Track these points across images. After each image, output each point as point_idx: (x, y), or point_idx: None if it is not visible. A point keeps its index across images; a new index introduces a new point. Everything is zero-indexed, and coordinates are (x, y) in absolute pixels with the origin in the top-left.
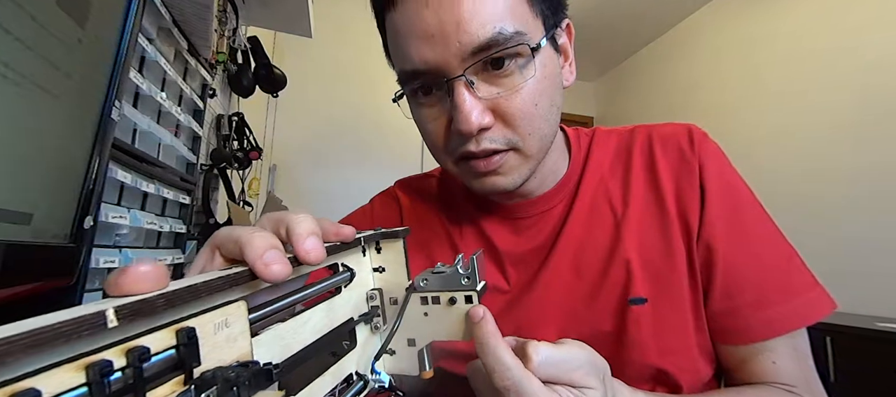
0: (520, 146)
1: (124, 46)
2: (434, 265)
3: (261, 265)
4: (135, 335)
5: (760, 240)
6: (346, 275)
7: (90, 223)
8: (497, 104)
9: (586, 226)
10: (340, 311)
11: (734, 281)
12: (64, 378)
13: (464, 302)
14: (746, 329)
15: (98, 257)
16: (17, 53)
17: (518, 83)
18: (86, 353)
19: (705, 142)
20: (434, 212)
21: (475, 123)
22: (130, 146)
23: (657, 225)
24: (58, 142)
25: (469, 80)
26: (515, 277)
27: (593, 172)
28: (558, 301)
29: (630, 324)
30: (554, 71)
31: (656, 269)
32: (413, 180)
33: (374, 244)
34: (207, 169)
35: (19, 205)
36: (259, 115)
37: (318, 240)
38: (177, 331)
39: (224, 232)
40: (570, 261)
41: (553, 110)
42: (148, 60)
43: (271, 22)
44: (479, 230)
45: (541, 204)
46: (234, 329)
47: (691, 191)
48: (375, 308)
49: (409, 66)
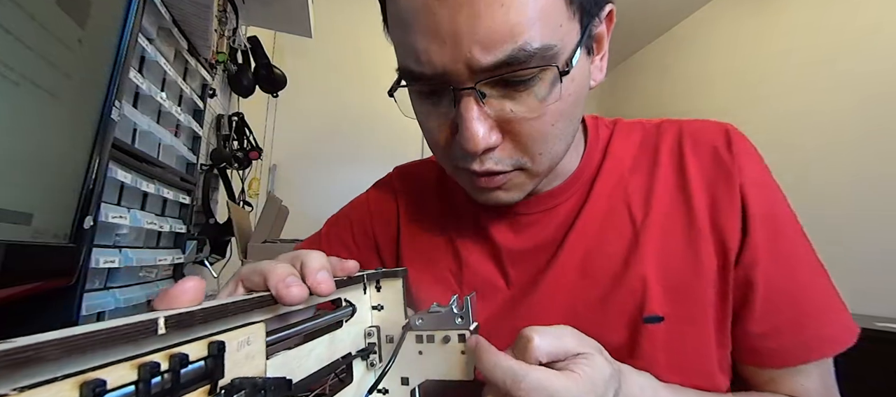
0: (527, 166)
1: (124, 46)
2: (431, 263)
3: (282, 287)
4: (177, 343)
5: (800, 261)
6: (349, 309)
7: (90, 223)
8: (509, 122)
9: (599, 230)
10: (340, 345)
11: (774, 304)
12: (122, 373)
13: (457, 340)
14: (782, 352)
15: (98, 257)
16: (17, 53)
17: (537, 105)
18: (138, 355)
19: (744, 146)
20: (433, 207)
21: (481, 145)
22: (130, 146)
23: (683, 236)
24: (58, 142)
25: (480, 92)
26: (516, 276)
27: (611, 170)
28: (562, 305)
29: (643, 342)
30: (582, 82)
31: (677, 285)
32: (412, 168)
33: (374, 282)
34: (207, 169)
35: (19, 205)
36: (259, 115)
37: (328, 274)
38: (209, 344)
39: (249, 266)
40: (578, 265)
41: (571, 127)
42: (148, 60)
43: (271, 22)
44: (480, 226)
45: (546, 201)
46: (253, 347)
47: (730, 205)
48: (372, 344)
49: (414, 65)
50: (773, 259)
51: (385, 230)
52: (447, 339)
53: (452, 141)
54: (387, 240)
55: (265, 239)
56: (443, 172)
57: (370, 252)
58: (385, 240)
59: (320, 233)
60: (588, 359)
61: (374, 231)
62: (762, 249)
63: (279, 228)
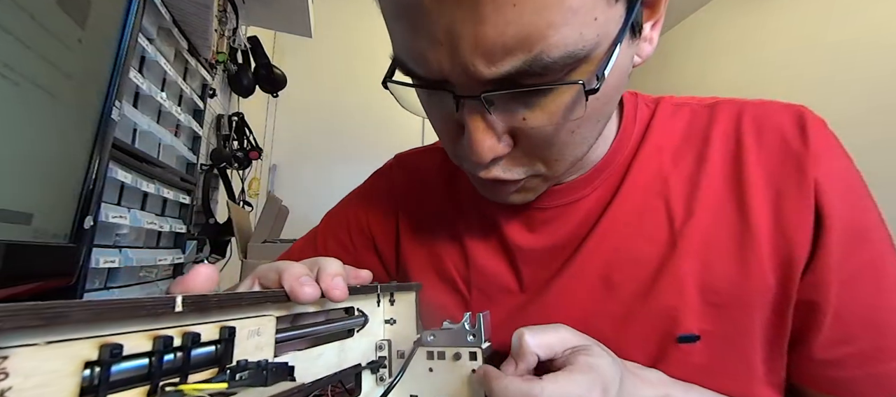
0: (542, 172)
1: (124, 46)
2: (435, 261)
3: (296, 285)
4: (192, 323)
5: (886, 276)
6: (361, 319)
7: (90, 223)
8: (520, 130)
9: (630, 230)
10: (350, 354)
11: (847, 330)
12: (138, 342)
13: (468, 359)
14: (851, 382)
15: (98, 257)
16: (17, 53)
17: (557, 117)
18: (156, 329)
19: (823, 134)
20: (437, 199)
21: (487, 157)
22: (130, 146)
23: (733, 242)
24: (58, 142)
25: (487, 101)
26: (529, 278)
27: (649, 158)
28: (578, 316)
29: (672, 364)
30: (620, 75)
31: (721, 301)
32: (413, 156)
33: (388, 295)
34: (207, 169)
35: (19, 205)
36: (259, 115)
37: (343, 281)
38: (221, 328)
39: (266, 265)
40: (600, 268)
41: (599, 127)
42: (148, 60)
43: (271, 22)
44: (489, 221)
45: (566, 193)
46: (263, 338)
47: (799, 205)
48: (383, 358)
49: (414, 66)
50: (851, 275)
51: (383, 227)
52: (458, 357)
53: (458, 139)
54: (385, 238)
55: (265, 239)
56: (447, 159)
57: (368, 252)
58: (383, 239)
59: (316, 232)
60: (588, 352)
61: (371, 230)
62: (838, 262)
63: (279, 228)
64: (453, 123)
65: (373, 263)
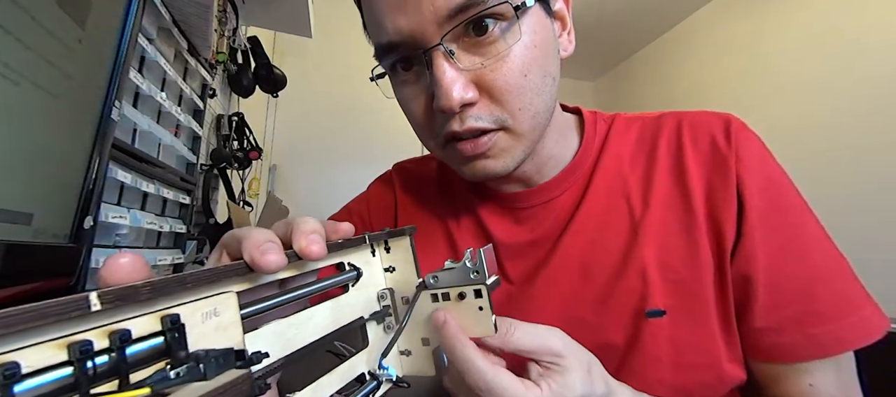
0: (509, 125)
1: (124, 46)
2: (429, 254)
3: (257, 254)
4: (119, 320)
5: (808, 248)
6: (353, 274)
7: (90, 223)
8: (481, 76)
9: (599, 224)
10: (348, 310)
11: (779, 295)
12: (46, 354)
13: (473, 296)
14: (790, 347)
15: (98, 257)
16: (17, 53)
17: (502, 50)
18: (71, 335)
19: (744, 134)
20: (431, 200)
21: (456, 99)
22: (130, 146)
23: (682, 228)
24: (58, 142)
25: (448, 50)
26: (514, 272)
27: (610, 163)
28: (561, 303)
29: (645, 338)
30: (546, 37)
31: (678, 278)
32: (412, 164)
33: (383, 243)
34: (207, 169)
35: (19, 205)
36: (259, 115)
37: (319, 237)
38: (162, 318)
39: (231, 232)
40: (578, 260)
41: (547, 82)
42: (148, 60)
43: (271, 22)
44: (477, 219)
45: (542, 193)
46: (223, 318)
47: (725, 193)
48: (387, 307)
49: (384, 37)
50: (775, 252)
51: (383, 221)
52: (462, 296)
53: (433, 113)
54: None
55: None
56: (441, 167)
57: None
58: None
59: None
60: (562, 373)
61: (371, 222)
62: (761, 243)
63: None
64: (427, 98)
65: None
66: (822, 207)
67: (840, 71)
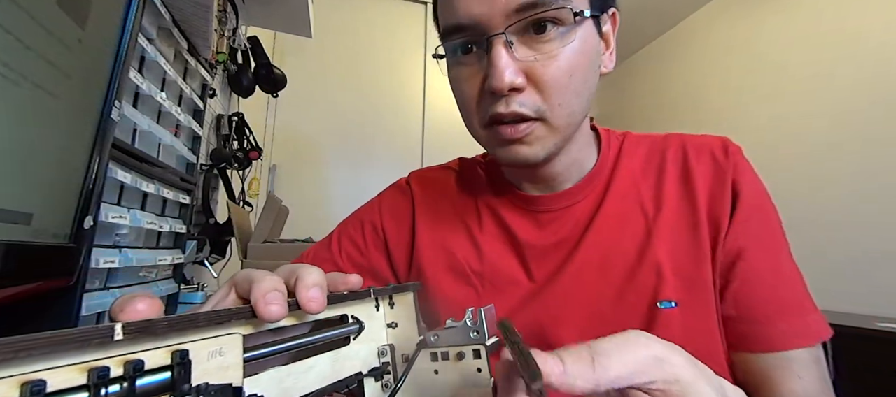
0: (547, 116)
1: (124, 46)
2: (448, 254)
3: (262, 303)
4: (136, 351)
5: (780, 254)
6: (355, 327)
7: (90, 223)
8: (532, 69)
9: (616, 228)
10: (348, 363)
11: (753, 287)
12: (68, 375)
13: (472, 357)
14: (764, 336)
15: (98, 257)
16: (17, 53)
17: (556, 50)
18: (92, 361)
19: (740, 155)
20: (451, 204)
21: (507, 81)
22: (130, 146)
23: (689, 229)
24: (58, 142)
25: (508, 40)
26: (538, 272)
27: (624, 174)
28: (582, 300)
29: (659, 327)
30: (593, 49)
31: (687, 274)
32: (428, 172)
33: (387, 298)
34: (207, 169)
35: (19, 205)
36: (259, 115)
37: (320, 291)
38: (172, 352)
39: (243, 273)
40: (598, 261)
41: (586, 87)
42: (148, 60)
43: (271, 22)
44: (500, 222)
45: (565, 198)
46: (227, 358)
47: (723, 196)
48: (386, 364)
49: (454, 20)
50: (755, 238)
51: (397, 227)
52: (462, 356)
53: (483, 94)
54: (397, 241)
55: (265, 239)
56: (461, 175)
57: (379, 252)
58: (396, 242)
59: (331, 237)
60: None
61: (383, 227)
62: (746, 224)
63: (279, 228)
64: (480, 81)
65: (382, 263)
66: (823, 206)
67: (840, 71)
